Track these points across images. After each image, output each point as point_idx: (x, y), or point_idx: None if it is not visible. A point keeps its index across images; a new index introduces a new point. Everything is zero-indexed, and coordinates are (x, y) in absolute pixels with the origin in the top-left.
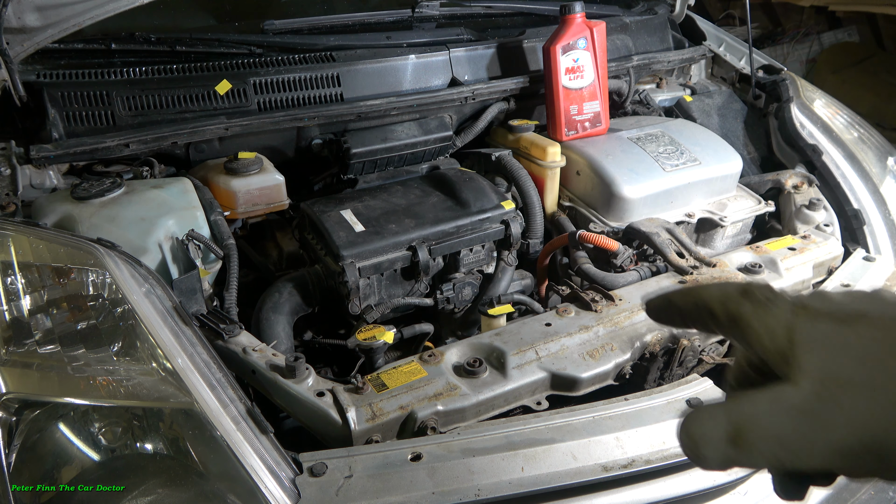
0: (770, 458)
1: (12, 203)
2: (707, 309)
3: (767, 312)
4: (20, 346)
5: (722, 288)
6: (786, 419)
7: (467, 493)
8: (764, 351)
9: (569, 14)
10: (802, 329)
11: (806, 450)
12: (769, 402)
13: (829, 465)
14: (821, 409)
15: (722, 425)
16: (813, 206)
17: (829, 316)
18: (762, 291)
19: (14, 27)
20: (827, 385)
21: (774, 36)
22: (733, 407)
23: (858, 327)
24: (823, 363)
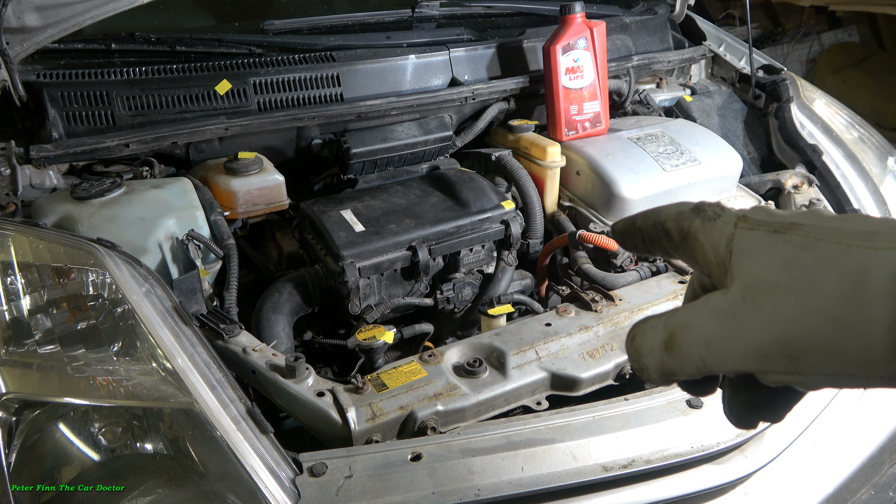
0: (697, 361)
1: (12, 203)
2: (663, 228)
3: (713, 226)
4: (20, 346)
5: (677, 206)
6: (713, 321)
7: (467, 493)
8: (708, 265)
9: (569, 14)
10: (740, 238)
11: (728, 351)
12: (700, 307)
13: (748, 366)
14: (744, 311)
15: (660, 333)
16: (813, 206)
17: (766, 225)
18: (712, 207)
19: (14, 27)
20: (753, 288)
21: (774, 36)
22: (671, 315)
23: (791, 235)
24: (753, 268)
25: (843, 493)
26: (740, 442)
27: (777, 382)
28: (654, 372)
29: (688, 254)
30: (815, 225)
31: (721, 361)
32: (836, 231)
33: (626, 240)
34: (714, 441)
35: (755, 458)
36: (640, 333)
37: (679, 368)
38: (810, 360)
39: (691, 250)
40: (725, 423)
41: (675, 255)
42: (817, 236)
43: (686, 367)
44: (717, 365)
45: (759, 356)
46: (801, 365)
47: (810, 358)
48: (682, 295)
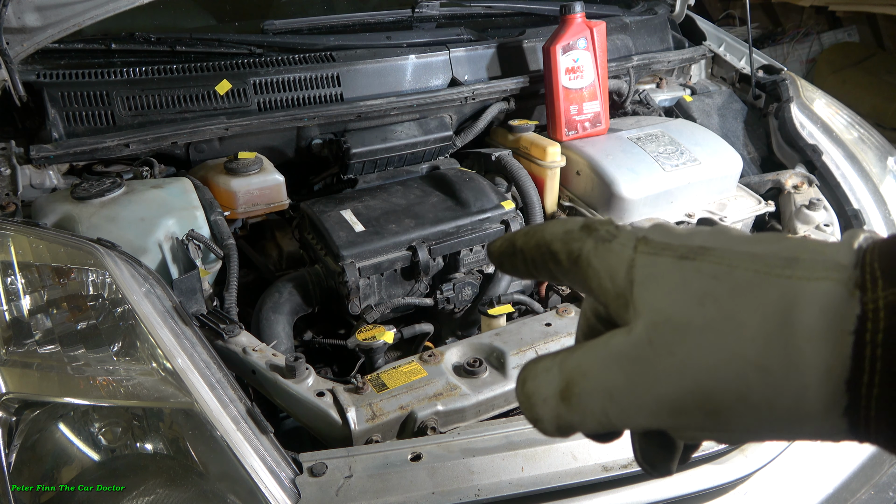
0: (600, 416)
1: (12, 203)
2: (549, 249)
3: (608, 249)
4: (20, 346)
5: (564, 224)
6: (616, 368)
7: (467, 493)
8: (605, 294)
9: (569, 14)
10: (642, 265)
11: (635, 404)
12: (600, 349)
13: (660, 422)
14: (652, 356)
15: (554, 379)
16: (813, 206)
17: (671, 249)
18: (605, 226)
19: (14, 27)
20: (660, 328)
21: (774, 36)
22: (567, 357)
23: (701, 263)
24: (659, 303)
25: (843, 493)
26: None
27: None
28: (550, 425)
29: (579, 280)
30: (727, 249)
31: (627, 416)
32: (753, 257)
33: (504, 262)
34: None
35: (755, 458)
36: (532, 377)
37: (579, 423)
38: (732, 415)
39: (583, 277)
40: None
41: (565, 281)
42: (731, 263)
43: (587, 423)
44: (623, 420)
45: (671, 410)
46: (721, 420)
47: (733, 412)
48: None
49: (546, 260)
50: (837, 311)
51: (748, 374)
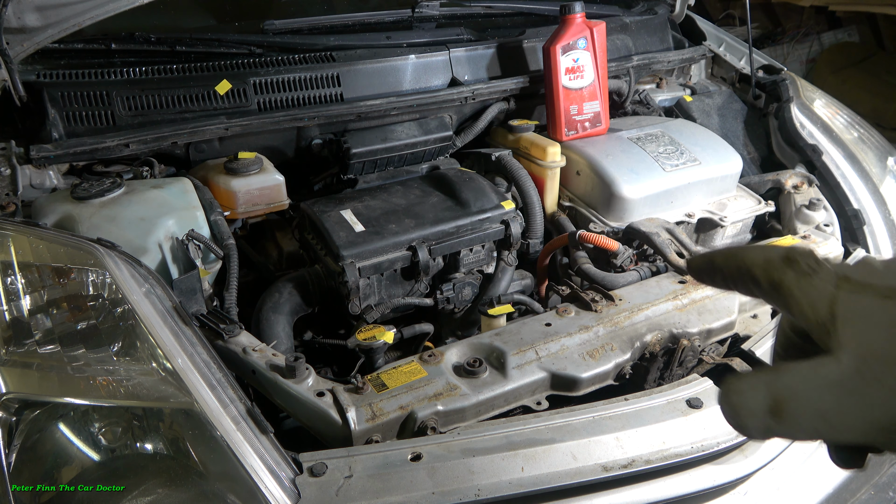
0: (810, 432)
1: (12, 203)
2: (749, 274)
3: (810, 283)
4: (20, 346)
5: (764, 253)
6: (827, 394)
7: (467, 493)
8: (806, 321)
9: (569, 14)
10: (844, 302)
11: (846, 425)
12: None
13: (869, 440)
14: (862, 385)
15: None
16: (813, 206)
17: (872, 290)
18: (805, 260)
19: (14, 27)
20: (868, 361)
21: (774, 36)
22: (774, 378)
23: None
24: (865, 338)
25: (843, 493)
26: (740, 442)
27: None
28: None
29: (780, 304)
30: None
31: (838, 433)
32: None
33: (703, 277)
34: (714, 441)
35: (755, 458)
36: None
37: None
38: None
39: (784, 302)
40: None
41: (766, 301)
42: None
43: (797, 435)
44: (834, 436)
45: (881, 430)
46: None
47: None
48: (682, 295)
49: (746, 281)
50: None
51: None
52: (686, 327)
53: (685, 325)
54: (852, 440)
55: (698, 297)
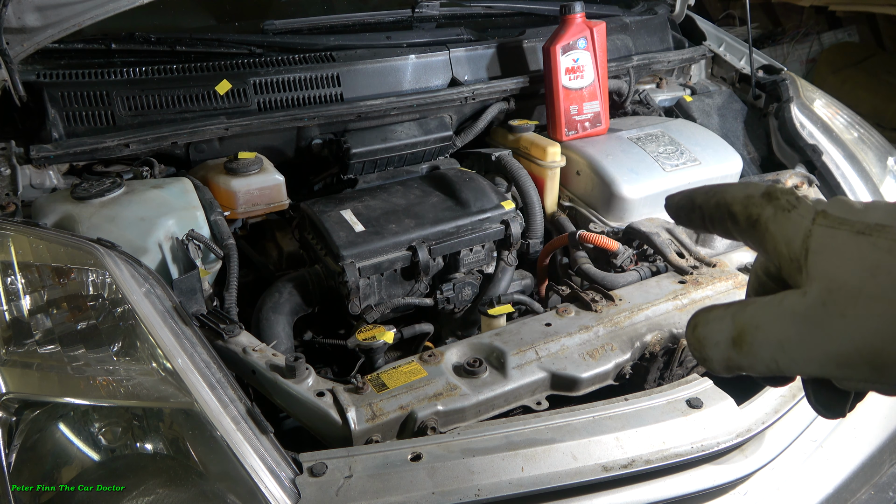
0: (768, 362)
1: (12, 203)
2: (728, 210)
3: (787, 218)
4: (20, 346)
5: (745, 188)
6: (789, 325)
7: (467, 493)
8: (780, 258)
9: (569, 14)
10: (818, 237)
11: (805, 357)
12: (775, 307)
13: (826, 372)
14: (825, 316)
15: (727, 327)
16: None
17: (847, 225)
18: (785, 196)
19: (14, 27)
20: (834, 294)
21: (774, 36)
22: (739, 310)
23: (876, 238)
24: (834, 271)
25: (843, 493)
26: (740, 442)
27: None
28: (719, 365)
29: (755, 241)
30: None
31: (795, 365)
32: None
33: (681, 215)
34: (714, 441)
35: (755, 458)
36: (704, 324)
37: (748, 366)
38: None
39: (760, 239)
40: (725, 423)
41: (741, 239)
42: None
43: (756, 366)
44: (790, 368)
45: (838, 363)
46: (886, 374)
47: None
48: (682, 295)
49: (724, 219)
50: None
51: None
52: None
53: (685, 325)
54: (808, 373)
55: (698, 297)
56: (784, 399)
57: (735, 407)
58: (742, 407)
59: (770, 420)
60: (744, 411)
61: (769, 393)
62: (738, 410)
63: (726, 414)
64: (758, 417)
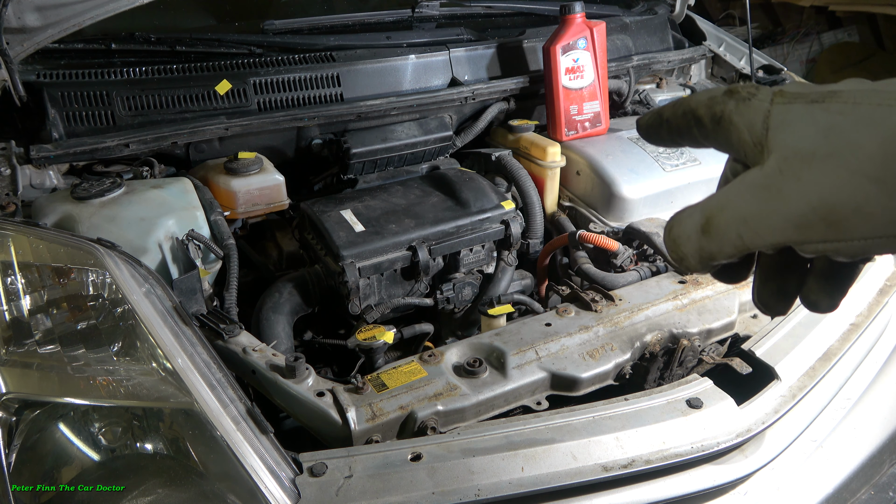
0: (735, 240)
1: (12, 203)
2: (694, 115)
3: (748, 106)
4: (20, 346)
5: (709, 92)
6: (750, 197)
7: (467, 493)
8: (744, 146)
9: (569, 14)
10: (777, 114)
11: (766, 224)
12: (736, 186)
13: (787, 236)
14: (781, 182)
15: (696, 218)
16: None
17: (802, 97)
18: (746, 88)
19: (14, 27)
20: (790, 160)
21: (774, 36)
22: (708, 199)
23: (829, 104)
24: (790, 140)
25: (843, 493)
26: (740, 442)
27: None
28: (693, 258)
29: (721, 139)
30: (853, 90)
31: (759, 236)
32: (876, 93)
33: (651, 133)
34: (714, 441)
35: (755, 458)
36: (678, 223)
37: (717, 250)
38: (851, 224)
39: (725, 134)
40: (725, 423)
41: (707, 143)
42: (856, 101)
43: (724, 248)
44: (755, 240)
45: (797, 226)
46: (841, 230)
47: (851, 222)
48: (682, 295)
49: (691, 126)
50: None
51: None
52: (686, 327)
53: (685, 325)
54: (771, 241)
55: (698, 297)
56: (784, 399)
57: (735, 407)
58: (742, 407)
59: (770, 420)
60: (744, 411)
61: (769, 393)
62: (738, 410)
63: (726, 414)
64: (758, 417)
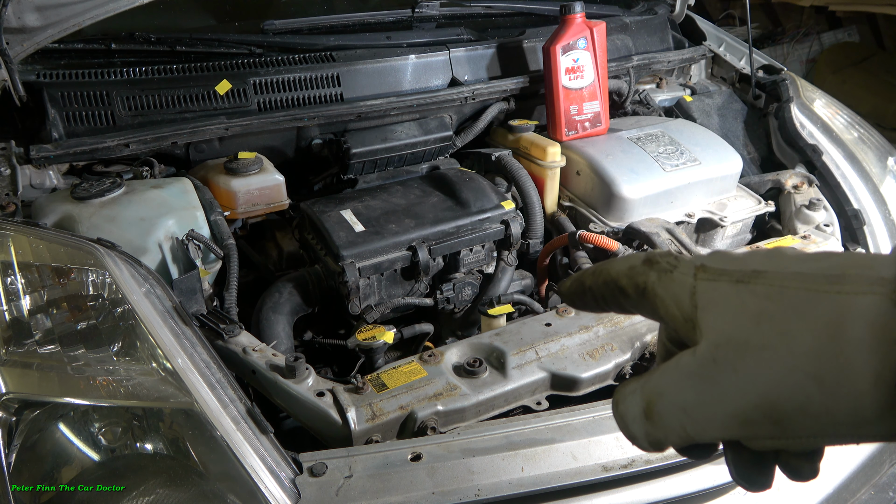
0: (679, 431)
1: (12, 203)
2: (616, 285)
3: (671, 279)
4: (20, 346)
5: (627, 260)
6: (687, 387)
7: (467, 493)
8: (674, 321)
9: (569, 14)
10: (703, 291)
11: (708, 418)
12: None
13: (731, 433)
14: (717, 373)
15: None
16: (813, 207)
17: (726, 275)
18: (665, 258)
19: (14, 27)
20: (723, 348)
21: (774, 36)
22: (646, 380)
23: (755, 286)
24: (720, 325)
25: (843, 493)
26: None
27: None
28: (643, 442)
29: (649, 310)
30: (779, 272)
31: (703, 430)
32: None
33: (576, 300)
34: None
35: None
36: (622, 400)
37: (664, 438)
38: (796, 424)
39: (652, 306)
40: None
41: (636, 311)
42: (783, 284)
43: (670, 437)
44: (699, 434)
45: (740, 422)
46: (787, 429)
47: (796, 421)
48: None
49: (616, 295)
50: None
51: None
52: None
53: None
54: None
55: None
56: None
57: None
58: None
59: None
60: None
61: None
62: None
63: None
64: None
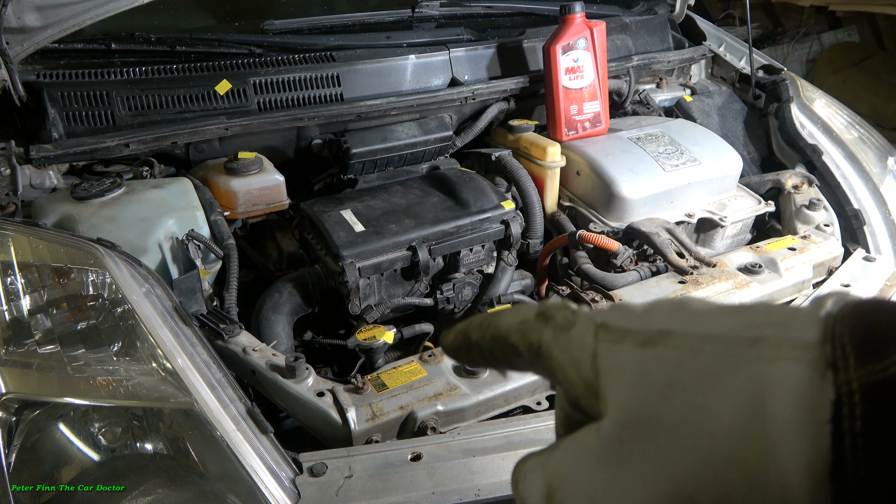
0: None
1: (12, 203)
2: (507, 342)
3: (568, 338)
4: (20, 346)
5: (518, 313)
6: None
7: (467, 493)
8: (574, 387)
9: (569, 14)
10: (604, 355)
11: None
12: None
13: None
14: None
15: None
16: (813, 207)
17: (630, 337)
18: (561, 312)
19: (14, 27)
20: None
21: (774, 36)
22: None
23: (663, 349)
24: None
25: None
26: None
27: None
28: None
29: (545, 372)
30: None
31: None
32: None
33: (461, 356)
34: None
35: None
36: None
37: None
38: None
39: (548, 369)
40: None
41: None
42: (694, 347)
43: None
44: None
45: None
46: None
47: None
48: (682, 295)
49: (506, 353)
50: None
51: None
52: None
53: None
54: None
55: (698, 296)
56: None
57: None
58: None
59: None
60: None
61: None
62: None
63: None
64: None
